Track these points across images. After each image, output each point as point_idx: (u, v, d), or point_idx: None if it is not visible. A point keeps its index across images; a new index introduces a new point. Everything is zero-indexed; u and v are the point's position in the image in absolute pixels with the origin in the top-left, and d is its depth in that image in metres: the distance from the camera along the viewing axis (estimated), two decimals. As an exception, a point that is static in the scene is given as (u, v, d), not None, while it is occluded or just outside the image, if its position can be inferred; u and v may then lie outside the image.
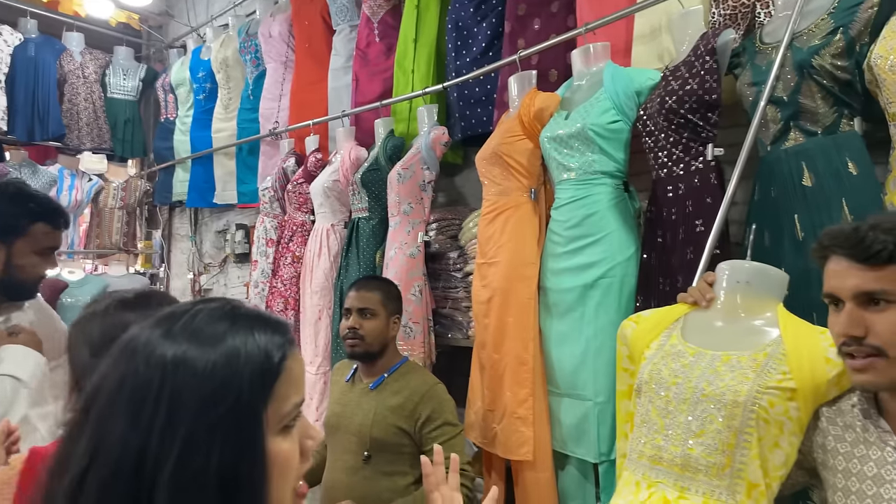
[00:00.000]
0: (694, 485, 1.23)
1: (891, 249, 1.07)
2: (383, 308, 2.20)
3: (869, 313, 1.09)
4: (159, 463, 0.65)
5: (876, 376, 1.09)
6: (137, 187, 5.21)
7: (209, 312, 0.74)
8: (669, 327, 1.43)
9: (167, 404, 0.67)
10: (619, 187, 2.14)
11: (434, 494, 1.02)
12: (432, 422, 2.11)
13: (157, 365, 0.69)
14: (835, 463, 1.20)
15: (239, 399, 0.68)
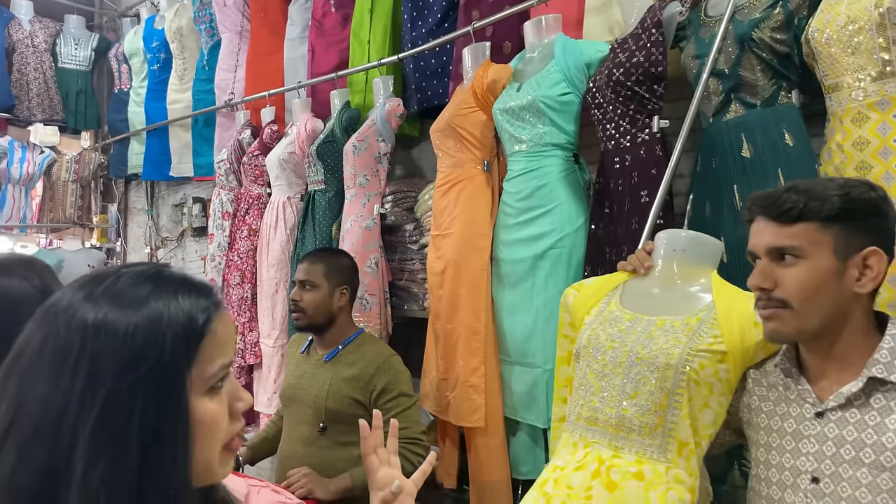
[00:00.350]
0: (627, 444, 1.27)
1: (800, 208, 1.12)
2: (325, 280, 2.20)
3: (779, 268, 1.15)
4: (79, 422, 0.66)
5: (781, 326, 1.15)
6: (91, 160, 5.10)
7: (132, 276, 0.75)
8: (609, 294, 1.46)
9: (87, 366, 0.68)
10: (570, 159, 2.16)
11: (371, 457, 1.04)
12: (387, 393, 2.14)
13: (77, 328, 0.69)
14: (758, 421, 1.26)
15: (160, 360, 0.69)
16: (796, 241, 1.14)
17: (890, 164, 1.49)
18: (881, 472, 1.09)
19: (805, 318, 1.14)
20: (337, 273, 2.24)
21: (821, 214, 1.13)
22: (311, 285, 2.20)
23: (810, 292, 1.13)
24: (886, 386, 1.13)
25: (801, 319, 1.14)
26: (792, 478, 1.18)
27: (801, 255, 1.14)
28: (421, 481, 1.04)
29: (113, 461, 0.66)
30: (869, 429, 1.12)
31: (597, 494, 1.24)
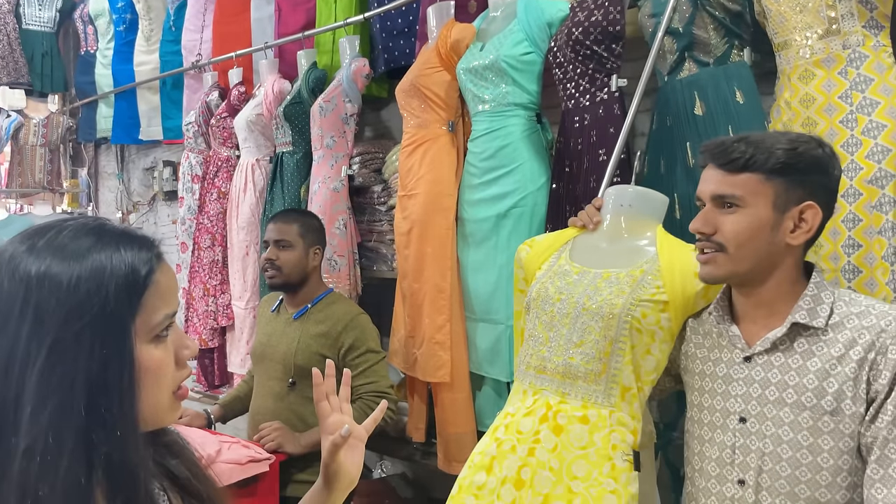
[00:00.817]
0: (573, 390, 1.33)
1: (746, 159, 1.17)
2: (301, 239, 2.24)
3: (720, 215, 1.20)
4: (27, 367, 0.69)
5: (716, 268, 1.21)
6: (59, 124, 5.03)
7: (74, 229, 0.76)
8: (559, 249, 1.51)
9: (32, 315, 0.70)
10: (532, 119, 2.19)
11: (323, 403, 1.08)
12: (355, 349, 2.19)
13: (21, 279, 0.71)
14: (693, 367, 1.32)
15: (104, 310, 0.72)
16: (738, 191, 1.19)
17: (834, 121, 1.54)
18: (802, 411, 1.16)
19: (737, 262, 1.20)
20: (311, 233, 2.27)
21: (765, 167, 1.18)
22: (286, 245, 2.22)
23: (745, 239, 1.19)
24: (809, 331, 1.19)
25: (734, 263, 1.20)
26: (722, 419, 1.25)
27: (742, 204, 1.19)
28: (371, 427, 1.08)
29: (60, 404, 0.68)
30: (792, 371, 1.18)
31: (544, 438, 1.30)
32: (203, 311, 3.29)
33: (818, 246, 1.55)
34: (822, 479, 1.15)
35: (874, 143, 1.47)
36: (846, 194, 1.50)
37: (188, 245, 3.46)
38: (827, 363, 1.16)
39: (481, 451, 1.39)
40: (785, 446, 1.17)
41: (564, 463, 1.27)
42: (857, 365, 1.14)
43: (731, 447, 1.23)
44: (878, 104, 1.47)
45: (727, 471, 1.24)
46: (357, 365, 2.18)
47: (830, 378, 1.15)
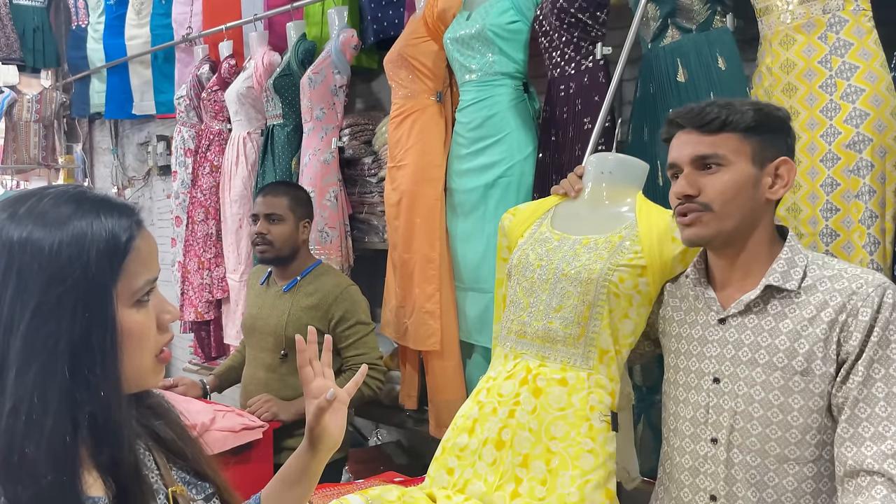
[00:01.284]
0: (553, 354, 1.36)
1: (723, 118, 1.19)
2: (291, 213, 2.24)
3: (702, 176, 1.22)
4: (11, 330, 0.71)
5: (702, 229, 1.22)
6: (53, 99, 5.02)
7: (55, 196, 0.78)
8: (541, 217, 1.53)
9: (15, 280, 0.72)
10: (519, 88, 2.19)
11: (306, 368, 1.10)
12: (345, 321, 2.21)
13: (3, 246, 0.73)
14: (670, 330, 1.35)
15: (86, 274, 0.74)
16: (720, 150, 1.21)
17: (813, 86, 1.54)
18: (773, 371, 1.19)
19: (724, 219, 1.22)
20: (301, 206, 2.28)
21: (741, 125, 1.20)
22: (277, 218, 2.22)
23: (730, 196, 1.21)
24: (782, 293, 1.21)
25: (721, 221, 1.22)
26: (696, 379, 1.28)
27: (724, 162, 1.21)
28: (353, 391, 1.11)
29: (44, 365, 0.71)
30: (764, 332, 1.21)
31: (524, 400, 1.33)
32: (198, 284, 3.32)
33: (797, 210, 1.57)
34: (791, 437, 1.18)
35: (853, 108, 1.48)
36: (825, 159, 1.51)
37: (182, 219, 3.48)
38: (799, 325, 1.18)
39: (464, 414, 1.42)
40: (756, 405, 1.20)
41: (543, 424, 1.30)
42: (827, 326, 1.16)
43: (704, 407, 1.26)
44: (857, 68, 1.48)
45: (701, 430, 1.27)
46: (347, 337, 2.21)
47: (802, 339, 1.18)
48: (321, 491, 1.50)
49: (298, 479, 1.05)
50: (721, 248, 1.27)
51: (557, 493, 1.25)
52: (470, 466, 1.34)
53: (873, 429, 1.09)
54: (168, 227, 3.80)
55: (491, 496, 1.29)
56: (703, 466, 1.26)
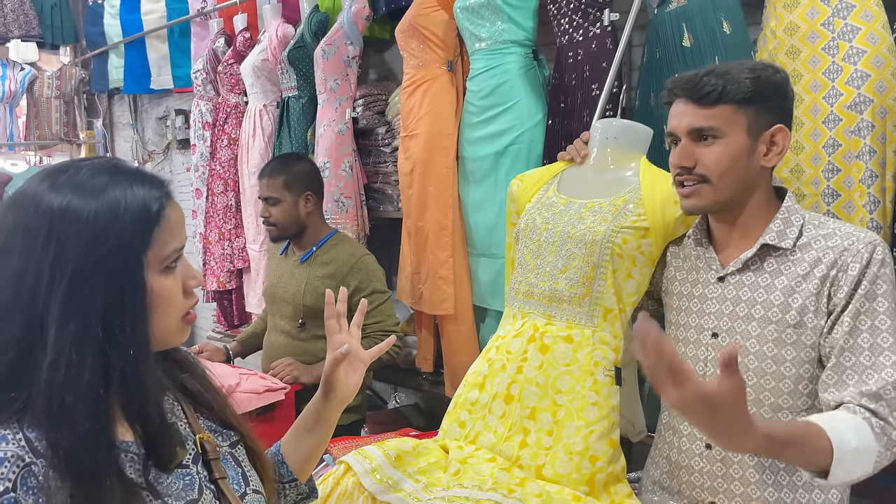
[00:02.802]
0: (559, 313, 1.42)
1: (720, 91, 1.22)
2: (287, 191, 2.29)
3: (698, 147, 1.25)
4: (51, 291, 0.78)
5: (700, 199, 1.26)
6: (72, 75, 5.09)
7: (92, 168, 0.85)
8: (549, 182, 1.58)
9: (55, 246, 0.79)
10: (529, 56, 2.22)
11: (332, 321, 1.16)
12: (361, 291, 2.28)
13: (44, 213, 0.80)
14: (673, 288, 1.40)
15: (120, 241, 0.81)
16: (715, 122, 1.24)
17: (816, 48, 1.57)
18: (768, 325, 1.24)
19: (721, 190, 1.26)
20: (297, 181, 2.31)
21: (736, 97, 1.23)
22: (274, 201, 2.29)
23: (726, 168, 1.24)
24: (778, 251, 1.26)
25: (718, 192, 1.26)
26: (696, 334, 1.33)
27: (719, 134, 1.24)
28: (375, 355, 1.16)
29: (80, 323, 0.78)
30: (761, 289, 1.26)
31: (531, 357, 1.40)
32: (219, 254, 3.41)
33: (800, 171, 1.60)
34: (784, 387, 1.24)
35: (854, 69, 1.50)
36: (826, 120, 1.54)
37: (202, 191, 3.56)
38: (793, 281, 1.23)
39: (475, 371, 1.49)
40: (752, 357, 1.26)
41: (550, 379, 1.37)
42: (819, 281, 1.21)
43: (703, 360, 1.32)
44: (859, 30, 1.50)
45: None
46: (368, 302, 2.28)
47: (795, 294, 1.23)
48: (341, 443, 1.58)
49: (313, 426, 1.12)
50: (719, 213, 1.32)
51: (563, 442, 1.32)
52: (480, 419, 1.41)
53: (856, 377, 1.14)
54: (188, 199, 3.88)
55: (500, 446, 1.36)
56: None
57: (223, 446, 0.98)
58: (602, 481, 1.31)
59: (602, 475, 1.32)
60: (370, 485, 1.23)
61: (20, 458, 0.75)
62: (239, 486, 0.96)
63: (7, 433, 0.76)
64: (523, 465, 1.33)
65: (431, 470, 1.29)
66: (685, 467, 1.34)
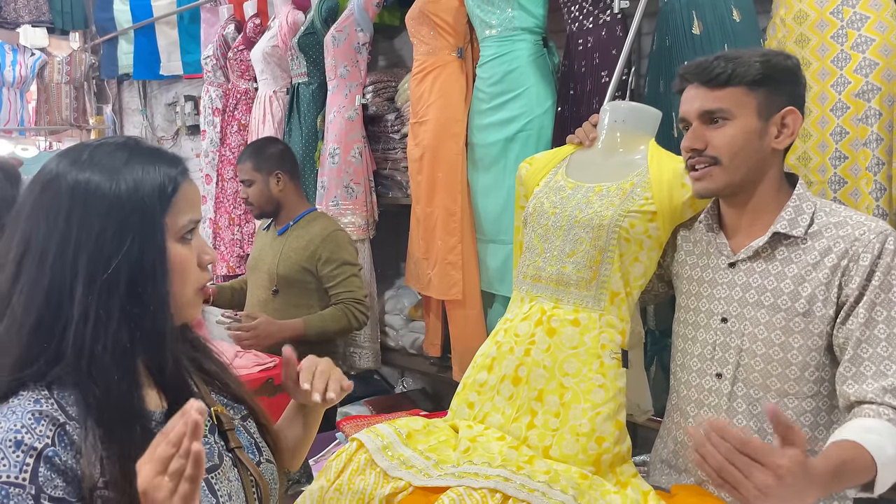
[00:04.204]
0: (566, 296, 1.44)
1: (729, 73, 1.23)
2: (257, 173, 2.43)
3: (709, 130, 1.27)
4: (78, 252, 0.83)
5: (711, 182, 1.28)
6: (82, 61, 5.11)
7: (111, 146, 0.90)
8: (557, 166, 1.59)
9: (79, 216, 0.84)
10: (539, 43, 2.23)
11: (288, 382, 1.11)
12: (331, 262, 2.38)
13: (69, 187, 0.85)
14: (683, 272, 1.42)
15: (141, 207, 0.86)
16: (725, 104, 1.25)
17: (825, 36, 1.58)
18: (777, 312, 1.26)
19: (732, 172, 1.27)
20: (266, 162, 2.45)
21: (746, 79, 1.24)
22: (247, 182, 2.46)
23: (737, 149, 1.26)
24: (789, 239, 1.27)
25: (729, 174, 1.27)
26: (706, 319, 1.35)
27: (730, 116, 1.26)
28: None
29: (106, 282, 0.83)
30: (771, 276, 1.28)
31: (539, 339, 1.42)
32: (229, 239, 3.44)
33: (807, 159, 1.62)
34: (790, 374, 1.26)
35: (862, 57, 1.51)
36: (834, 108, 1.55)
37: (212, 177, 3.58)
38: (803, 269, 1.25)
39: (483, 353, 1.52)
40: (759, 343, 1.28)
41: (557, 361, 1.39)
42: (830, 271, 1.22)
43: (712, 344, 1.34)
44: (868, 18, 1.51)
45: (707, 365, 1.35)
46: (335, 276, 2.39)
47: (805, 283, 1.24)
48: (352, 422, 1.62)
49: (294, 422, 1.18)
50: (730, 198, 1.33)
51: (570, 424, 1.35)
52: (489, 400, 1.44)
53: (875, 368, 1.15)
54: (198, 185, 3.91)
55: (508, 427, 1.39)
56: (707, 399, 1.35)
57: (235, 418, 1.02)
58: (608, 462, 1.34)
59: (608, 456, 1.34)
60: (382, 461, 1.26)
61: (55, 419, 0.80)
62: (253, 455, 1.00)
63: (40, 397, 0.81)
64: (530, 445, 1.36)
65: (441, 448, 1.32)
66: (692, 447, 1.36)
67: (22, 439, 0.77)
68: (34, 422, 0.78)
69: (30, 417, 0.78)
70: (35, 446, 0.77)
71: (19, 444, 0.77)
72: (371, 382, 3.16)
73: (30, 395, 0.81)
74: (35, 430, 0.78)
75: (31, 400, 0.80)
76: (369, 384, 3.12)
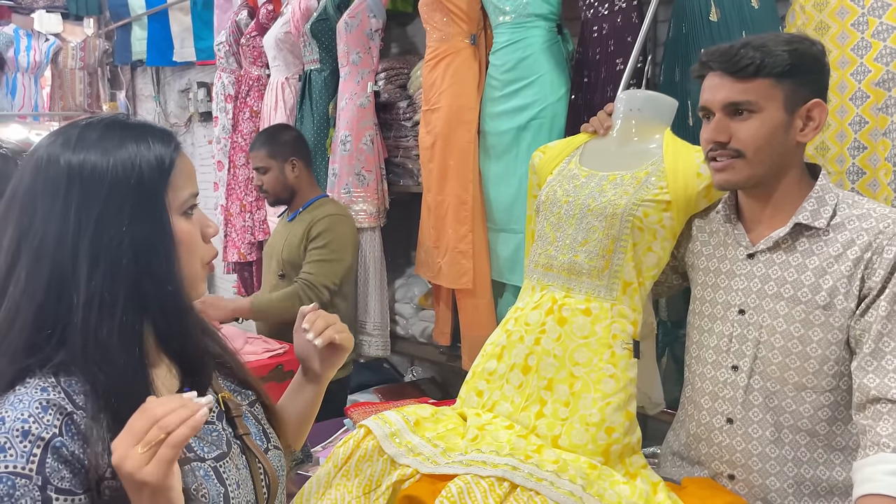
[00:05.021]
0: (578, 286, 1.43)
1: (757, 64, 1.20)
2: (272, 160, 2.46)
3: (733, 122, 1.24)
4: (78, 237, 0.81)
5: (733, 175, 1.25)
6: (96, 47, 5.13)
7: (101, 126, 0.87)
8: (571, 154, 1.57)
9: (78, 196, 0.82)
10: (553, 30, 2.21)
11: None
12: (314, 241, 2.40)
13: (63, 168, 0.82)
14: (699, 263, 1.40)
15: (141, 184, 0.84)
16: (752, 97, 1.22)
17: (846, 24, 1.54)
18: (797, 304, 1.24)
19: (756, 166, 1.24)
20: (281, 149, 2.46)
21: (774, 70, 1.20)
22: (262, 170, 2.47)
23: (762, 143, 1.23)
24: (811, 231, 1.25)
25: (752, 167, 1.25)
26: (723, 310, 1.33)
27: (756, 109, 1.22)
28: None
29: (111, 262, 0.81)
30: (791, 268, 1.26)
31: (549, 328, 1.41)
32: (241, 226, 3.44)
33: (825, 149, 1.59)
34: (809, 367, 1.24)
35: (883, 46, 1.48)
36: (854, 97, 1.53)
37: (224, 164, 3.59)
38: (825, 262, 1.23)
39: (493, 341, 1.51)
40: (778, 336, 1.26)
41: (567, 350, 1.38)
42: (852, 264, 1.20)
43: (728, 336, 1.32)
44: (889, 6, 1.48)
45: (722, 357, 1.33)
46: (310, 255, 2.40)
47: (826, 275, 1.22)
48: (360, 408, 1.61)
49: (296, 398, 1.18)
50: (751, 189, 1.30)
51: (579, 413, 1.33)
52: (498, 389, 1.43)
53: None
54: (210, 171, 3.92)
55: (517, 416, 1.38)
56: (722, 391, 1.33)
57: (243, 404, 1.01)
58: (617, 452, 1.33)
59: (618, 446, 1.33)
60: (389, 448, 1.26)
61: (62, 408, 0.78)
62: (261, 441, 0.99)
63: (46, 385, 0.79)
64: (539, 434, 1.35)
65: (449, 435, 1.32)
66: (705, 440, 1.35)
67: (29, 429, 0.75)
68: (41, 411, 0.77)
69: (37, 406, 0.77)
70: (42, 436, 0.76)
71: (27, 433, 0.75)
72: (380, 371, 3.16)
73: (36, 383, 0.79)
74: (42, 420, 0.76)
75: (38, 388, 0.79)
76: (378, 372, 3.13)
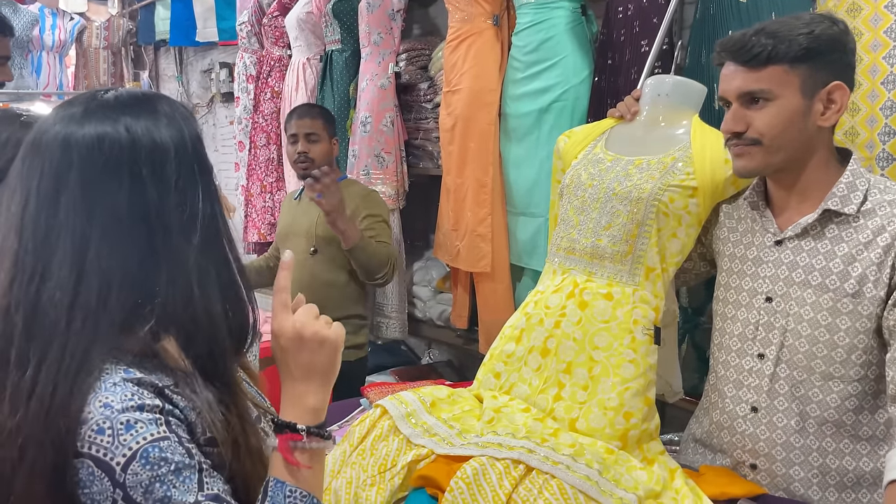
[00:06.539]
0: (600, 270, 1.41)
1: (769, 51, 1.17)
2: (325, 132, 2.43)
3: (750, 111, 1.21)
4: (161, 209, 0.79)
5: (750, 161, 1.23)
6: (120, 26, 5.15)
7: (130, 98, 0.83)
8: (596, 139, 1.55)
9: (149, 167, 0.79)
10: (577, 11, 2.18)
11: None
12: (372, 217, 2.37)
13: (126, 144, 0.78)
14: (725, 249, 1.38)
15: (197, 154, 0.83)
16: (766, 85, 1.19)
17: (878, 6, 1.50)
18: (825, 292, 1.21)
19: (772, 153, 1.22)
20: (331, 125, 2.47)
21: (788, 56, 1.17)
22: (315, 138, 2.41)
23: (779, 131, 1.20)
24: (840, 217, 1.22)
25: (769, 155, 1.22)
26: (749, 297, 1.31)
27: (771, 97, 1.19)
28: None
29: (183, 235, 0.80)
30: (820, 255, 1.23)
31: (570, 312, 1.40)
32: (261, 206, 3.45)
33: (854, 134, 1.55)
34: (836, 356, 1.21)
35: (919, 28, 1.44)
36: (885, 81, 1.49)
37: (245, 144, 3.59)
38: (854, 249, 1.20)
39: (512, 324, 1.50)
40: (805, 324, 1.23)
41: (587, 335, 1.37)
42: (882, 251, 1.17)
43: (754, 324, 1.30)
44: (927, -13, 1.43)
45: (748, 345, 1.31)
46: (370, 227, 2.35)
47: (856, 263, 1.19)
48: (377, 388, 1.61)
49: None
50: (776, 175, 1.28)
51: (598, 397, 1.32)
52: (516, 371, 1.42)
53: None
54: (231, 152, 3.93)
55: (535, 398, 1.37)
56: (746, 380, 1.31)
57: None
58: (635, 438, 1.32)
59: (636, 432, 1.32)
60: (405, 428, 1.26)
61: (152, 383, 0.77)
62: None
63: (129, 368, 0.77)
64: (557, 417, 1.34)
65: (465, 417, 1.31)
66: (727, 428, 1.34)
67: (142, 403, 0.74)
68: (138, 387, 0.76)
69: (132, 385, 0.75)
70: (157, 404, 0.75)
71: (142, 407, 0.74)
72: (397, 353, 3.17)
73: (115, 370, 0.77)
74: (145, 395, 0.75)
75: (120, 372, 0.76)
76: (396, 354, 3.13)
